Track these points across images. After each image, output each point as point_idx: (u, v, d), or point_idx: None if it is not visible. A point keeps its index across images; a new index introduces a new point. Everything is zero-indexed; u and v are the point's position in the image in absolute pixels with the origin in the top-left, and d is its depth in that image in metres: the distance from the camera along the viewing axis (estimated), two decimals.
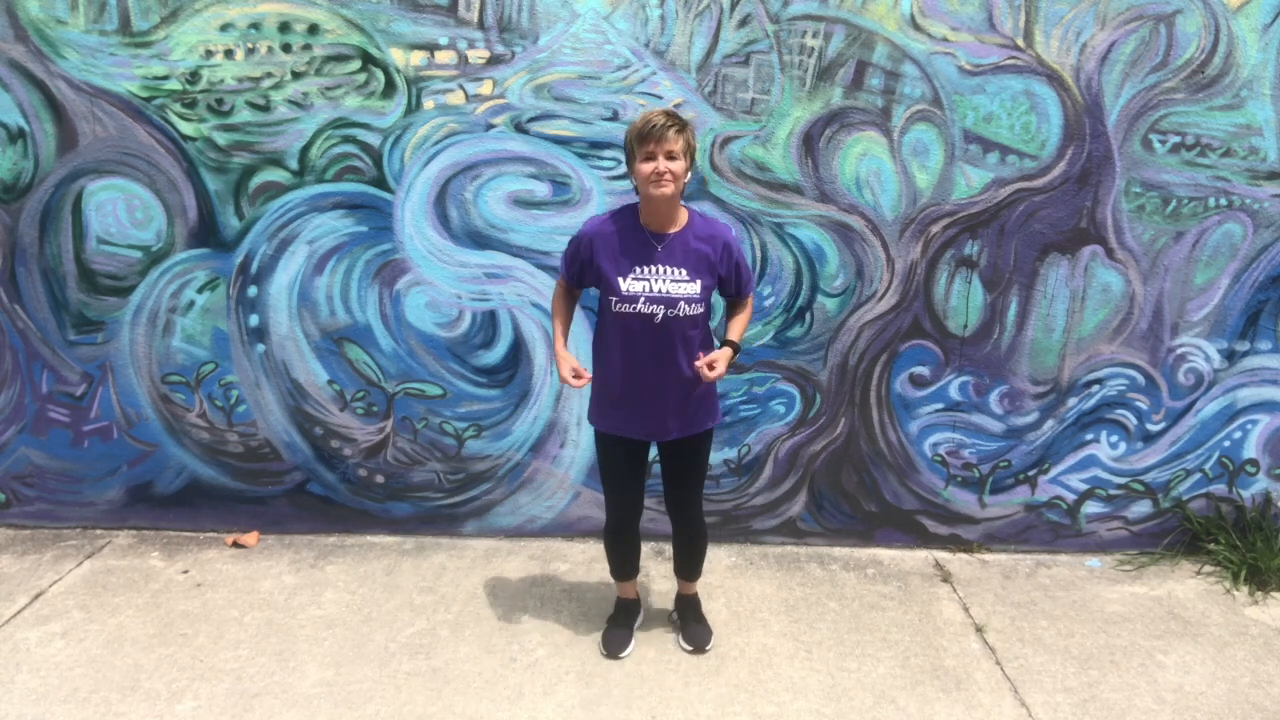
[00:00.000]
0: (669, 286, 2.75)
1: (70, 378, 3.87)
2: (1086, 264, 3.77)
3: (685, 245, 2.79)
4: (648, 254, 2.77)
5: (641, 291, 2.75)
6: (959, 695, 3.04)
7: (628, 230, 2.80)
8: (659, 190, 2.65)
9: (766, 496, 4.04)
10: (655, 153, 2.62)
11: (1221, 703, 3.05)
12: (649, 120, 2.61)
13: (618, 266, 2.77)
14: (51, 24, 3.51)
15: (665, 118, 2.61)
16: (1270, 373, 3.93)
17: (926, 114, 3.62)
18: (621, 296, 2.76)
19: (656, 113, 2.63)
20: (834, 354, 3.87)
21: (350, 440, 3.96)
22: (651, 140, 2.61)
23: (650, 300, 2.74)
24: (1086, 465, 4.02)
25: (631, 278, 2.76)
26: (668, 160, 2.62)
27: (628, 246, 2.78)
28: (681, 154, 2.65)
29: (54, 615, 3.36)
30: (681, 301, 2.75)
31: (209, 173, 3.66)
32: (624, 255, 2.78)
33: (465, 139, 3.64)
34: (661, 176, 2.63)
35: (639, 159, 2.66)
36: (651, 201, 2.72)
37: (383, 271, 3.77)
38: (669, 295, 2.75)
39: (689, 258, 2.78)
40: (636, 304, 2.75)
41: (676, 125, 2.63)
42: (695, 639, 3.23)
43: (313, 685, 3.00)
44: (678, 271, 2.77)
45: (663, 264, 2.77)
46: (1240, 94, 3.61)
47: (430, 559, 3.87)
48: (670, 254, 2.78)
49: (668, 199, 2.69)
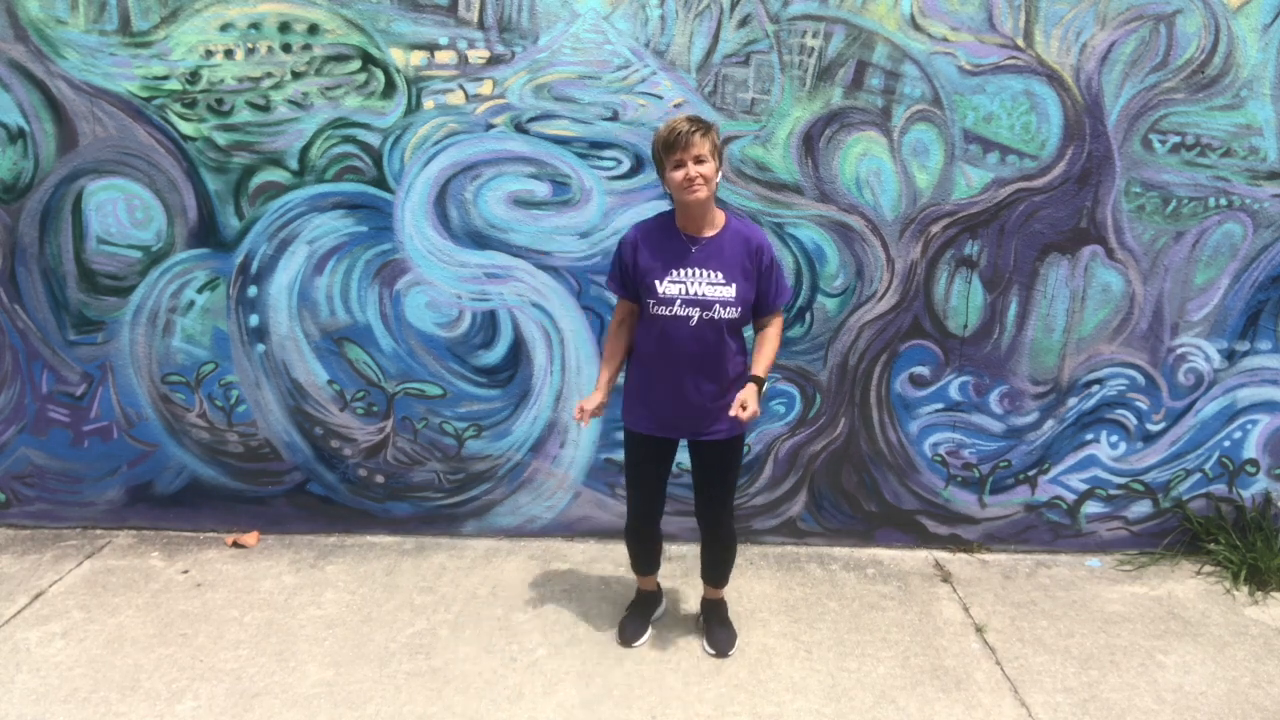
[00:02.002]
0: (705, 289, 2.78)
1: (70, 378, 3.87)
2: (1086, 264, 3.77)
3: (721, 248, 2.82)
4: (683, 256, 2.80)
5: (678, 294, 2.78)
6: (959, 695, 3.04)
7: (665, 234, 2.84)
8: (693, 195, 2.69)
9: (766, 496, 4.04)
10: (684, 159, 2.66)
11: (1221, 703, 3.05)
12: (674, 129, 2.65)
13: (655, 269, 2.81)
14: (51, 24, 3.51)
15: (689, 123, 2.65)
16: (1270, 373, 3.92)
17: (926, 114, 3.62)
18: (659, 298, 2.79)
19: (680, 119, 2.67)
20: (834, 354, 3.87)
21: (350, 440, 3.96)
22: (679, 148, 2.65)
23: (686, 303, 2.78)
24: (1086, 465, 4.02)
25: (668, 280, 2.79)
26: (696, 165, 2.66)
27: (665, 250, 2.82)
28: (710, 156, 2.69)
29: (54, 615, 3.36)
30: (717, 304, 2.77)
31: (209, 173, 3.66)
32: (661, 258, 2.81)
33: (465, 139, 3.64)
34: (693, 182, 2.67)
35: (669, 168, 2.70)
36: (687, 207, 2.77)
37: (383, 271, 3.77)
38: (705, 298, 2.77)
39: (725, 260, 2.81)
40: (673, 306, 2.78)
41: (701, 129, 2.67)
42: (717, 643, 3.23)
43: (313, 685, 3.00)
44: (714, 274, 2.79)
45: (699, 266, 2.79)
46: (1240, 94, 3.61)
47: (430, 559, 3.87)
48: (706, 256, 2.80)
49: (702, 203, 2.73)
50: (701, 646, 3.26)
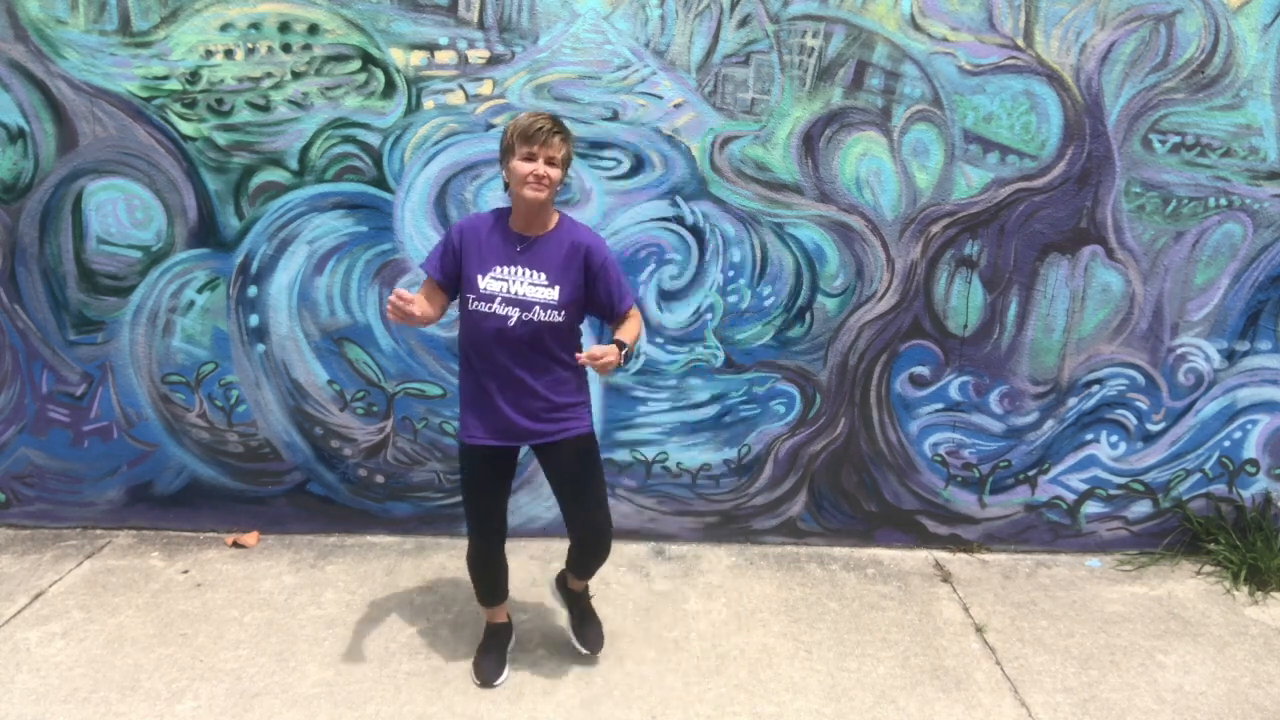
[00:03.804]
0: (526, 289, 2.67)
1: (70, 378, 3.87)
2: (1086, 264, 3.77)
3: (548, 249, 2.71)
4: (509, 254, 2.70)
5: (499, 291, 2.67)
6: (959, 695, 3.04)
7: (495, 229, 2.73)
8: (533, 194, 2.60)
9: (766, 496, 4.04)
10: (536, 154, 2.58)
11: (1221, 703, 3.05)
12: (535, 122, 2.57)
13: (480, 264, 2.70)
14: (51, 24, 3.51)
15: (552, 123, 2.59)
16: (1270, 373, 3.93)
17: (926, 114, 3.62)
18: (479, 294, 2.67)
19: (545, 116, 2.61)
20: (834, 354, 3.87)
21: (350, 440, 3.96)
22: (536, 142, 2.57)
23: (506, 301, 2.67)
24: (1086, 465, 4.02)
25: (490, 276, 2.68)
26: (547, 165, 2.59)
27: (492, 245, 2.71)
28: (561, 163, 2.63)
29: (54, 615, 3.36)
30: (538, 306, 2.66)
31: (209, 173, 3.66)
32: (488, 253, 2.71)
33: (465, 139, 3.64)
34: (540, 180, 2.59)
35: (518, 156, 2.59)
36: (523, 202, 2.66)
37: (383, 271, 3.77)
38: (525, 298, 2.67)
39: (551, 262, 2.70)
40: (493, 304, 2.67)
41: (562, 133, 2.61)
42: (588, 640, 3.15)
43: (313, 685, 3.00)
44: (537, 275, 2.69)
45: (523, 266, 2.70)
46: (1240, 94, 3.61)
47: (430, 559, 3.87)
48: (533, 256, 2.70)
49: (540, 202, 2.64)
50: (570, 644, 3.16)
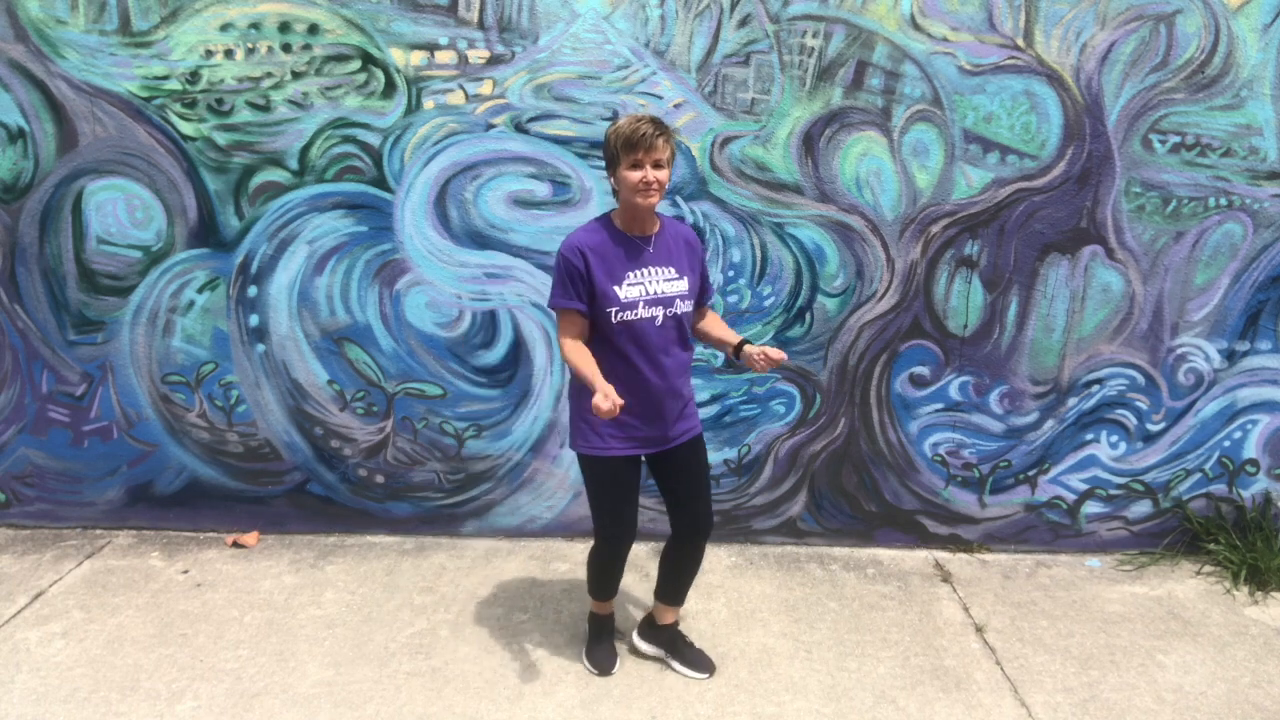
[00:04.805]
0: (663, 286, 2.73)
1: (70, 378, 3.87)
2: (1086, 264, 3.77)
3: (667, 244, 2.79)
4: (637, 258, 2.73)
5: (639, 296, 2.69)
6: (959, 695, 3.04)
7: (609, 240, 2.72)
8: (647, 200, 2.61)
9: (766, 496, 4.04)
10: (643, 161, 2.57)
11: (1221, 703, 3.05)
12: (638, 128, 2.55)
13: (610, 276, 2.69)
14: (51, 24, 3.51)
15: (654, 126, 2.56)
16: (1270, 373, 3.92)
17: (926, 114, 3.62)
18: (620, 304, 2.67)
19: (645, 120, 2.58)
20: (834, 354, 3.87)
21: (350, 440, 3.96)
22: (641, 149, 2.56)
23: (649, 303, 2.70)
24: (1086, 465, 4.02)
25: (627, 284, 2.69)
26: (655, 170, 2.59)
27: (616, 255, 2.71)
28: (667, 163, 2.63)
29: (54, 615, 3.36)
30: (677, 299, 2.74)
31: (209, 173, 3.66)
32: (614, 263, 2.70)
33: (465, 139, 3.64)
34: (650, 186, 2.59)
35: (624, 166, 2.59)
36: (635, 209, 2.67)
37: (383, 271, 3.77)
38: (665, 295, 2.72)
39: (675, 255, 2.78)
40: (637, 309, 2.69)
41: (665, 134, 2.59)
42: (699, 663, 3.13)
43: (313, 685, 3.00)
44: (668, 270, 2.75)
45: (652, 265, 2.74)
46: (1240, 94, 3.61)
47: (430, 559, 3.87)
48: (659, 254, 2.76)
49: (654, 207, 2.67)
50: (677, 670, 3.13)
